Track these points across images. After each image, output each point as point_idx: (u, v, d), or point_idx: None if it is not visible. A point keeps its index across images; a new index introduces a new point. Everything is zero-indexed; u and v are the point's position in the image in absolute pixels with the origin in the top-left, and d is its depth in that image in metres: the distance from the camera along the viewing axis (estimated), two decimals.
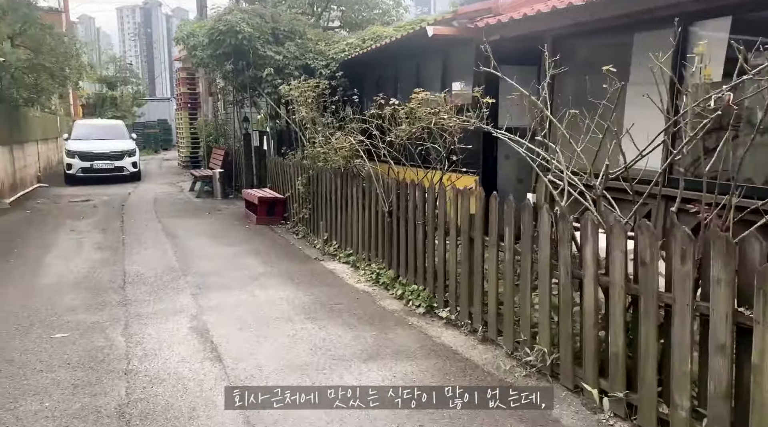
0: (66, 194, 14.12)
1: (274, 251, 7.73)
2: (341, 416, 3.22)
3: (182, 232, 9.08)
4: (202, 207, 11.92)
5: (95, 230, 9.23)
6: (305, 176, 8.49)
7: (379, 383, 3.62)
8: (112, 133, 18.10)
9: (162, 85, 79.41)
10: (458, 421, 3.16)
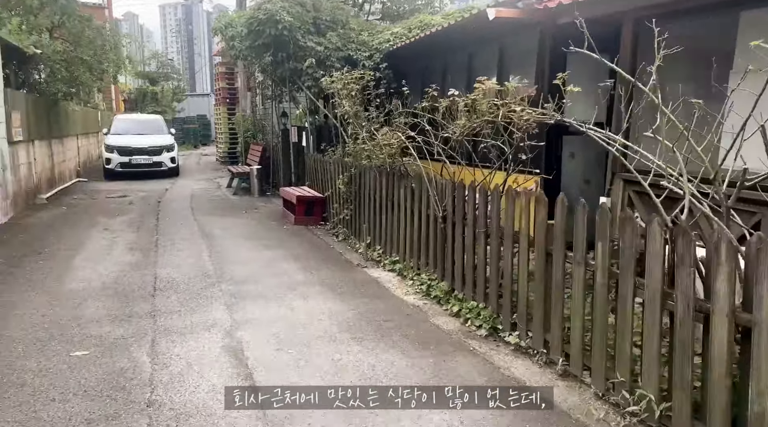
0: (103, 190, 13.90)
1: (313, 255, 7.16)
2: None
3: (218, 232, 8.61)
4: (238, 205, 11.48)
5: (129, 229, 8.84)
6: (347, 175, 7.90)
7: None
8: (151, 128, 17.90)
9: (202, 80, 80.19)
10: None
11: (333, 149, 9.89)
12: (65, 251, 7.29)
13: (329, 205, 9.03)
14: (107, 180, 16.07)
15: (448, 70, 8.78)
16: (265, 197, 12.55)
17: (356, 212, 7.73)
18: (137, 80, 38.92)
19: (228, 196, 12.88)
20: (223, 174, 17.50)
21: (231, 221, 9.63)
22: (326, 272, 6.34)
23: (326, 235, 8.41)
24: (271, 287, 5.70)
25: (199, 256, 7.07)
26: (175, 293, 5.54)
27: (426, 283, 5.48)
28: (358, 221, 7.65)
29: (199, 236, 8.27)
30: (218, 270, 6.37)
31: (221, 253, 7.25)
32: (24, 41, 9.96)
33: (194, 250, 7.38)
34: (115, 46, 13.30)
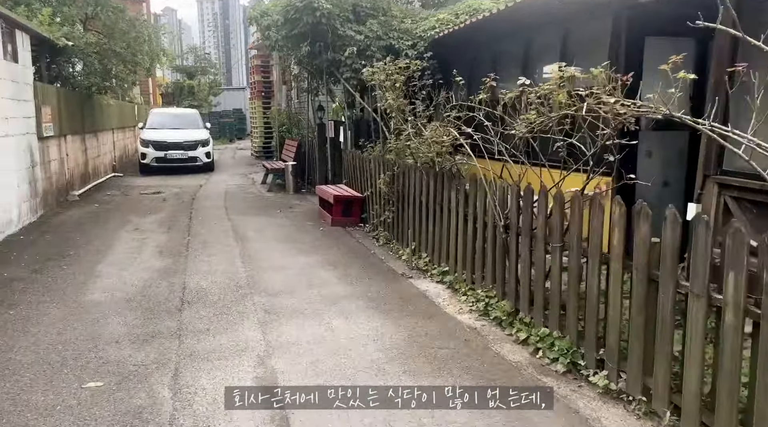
0: (137, 185, 13.59)
1: (352, 261, 6.55)
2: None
3: (251, 233, 8.07)
4: (273, 203, 10.96)
5: (160, 229, 8.38)
6: (388, 174, 7.25)
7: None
8: (186, 123, 17.59)
9: (238, 74, 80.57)
10: None
11: (372, 145, 9.27)
12: (92, 254, 6.84)
13: (368, 206, 8.41)
14: (142, 175, 15.83)
15: (499, 59, 8.02)
16: (300, 195, 12.01)
17: (399, 215, 7.08)
18: (174, 74, 39.07)
19: (262, 193, 12.39)
20: (258, 169, 17.07)
21: (265, 220, 9.10)
22: (368, 282, 5.71)
23: (365, 238, 7.78)
24: (309, 301, 5.11)
25: (232, 261, 6.53)
26: (204, 306, 4.99)
27: (483, 300, 4.80)
28: (402, 225, 7.00)
29: (232, 238, 7.74)
30: (251, 279, 5.81)
31: (254, 258, 6.70)
32: (55, 33, 9.58)
33: (226, 254, 6.85)
34: (149, 38, 12.87)
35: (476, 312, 4.77)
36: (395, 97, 6.65)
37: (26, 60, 8.65)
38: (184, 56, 44.06)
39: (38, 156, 9.02)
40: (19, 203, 8.15)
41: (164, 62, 15.64)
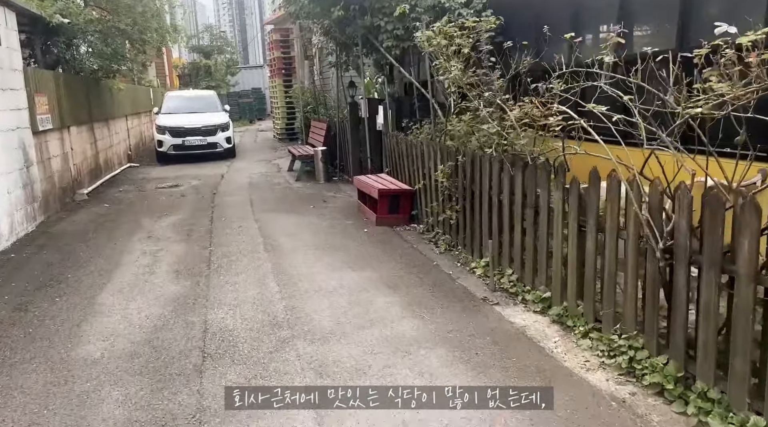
0: (154, 177, 12.32)
1: (414, 279, 5.16)
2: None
3: (284, 239, 6.72)
4: (304, 196, 9.59)
5: (177, 236, 7.07)
6: (450, 164, 5.80)
7: None
8: (204, 106, 16.23)
9: (254, 52, 78.70)
10: None
11: (417, 127, 7.81)
12: (94, 276, 5.56)
13: (419, 201, 6.99)
14: (160, 164, 14.62)
15: (580, 20, 6.40)
16: (332, 184, 10.61)
17: (467, 216, 5.65)
18: (191, 55, 37.64)
19: (290, 183, 11.02)
20: (282, 153, 15.72)
21: (297, 220, 7.73)
22: (442, 313, 4.33)
23: (420, 242, 6.38)
24: (371, 350, 3.74)
25: (263, 282, 5.19)
26: (231, 363, 3.66)
27: (623, 351, 3.38)
28: (471, 229, 5.58)
29: (261, 247, 6.40)
30: (290, 311, 4.46)
31: (291, 276, 5.35)
32: (47, 9, 8.21)
33: (256, 272, 5.51)
34: (158, 12, 11.43)
35: (614, 369, 3.35)
36: (462, 68, 5.16)
37: (12, 41, 7.30)
38: (200, 36, 42.59)
39: (34, 154, 7.74)
40: (11, 212, 6.89)
41: (176, 39, 14.15)
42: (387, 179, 7.77)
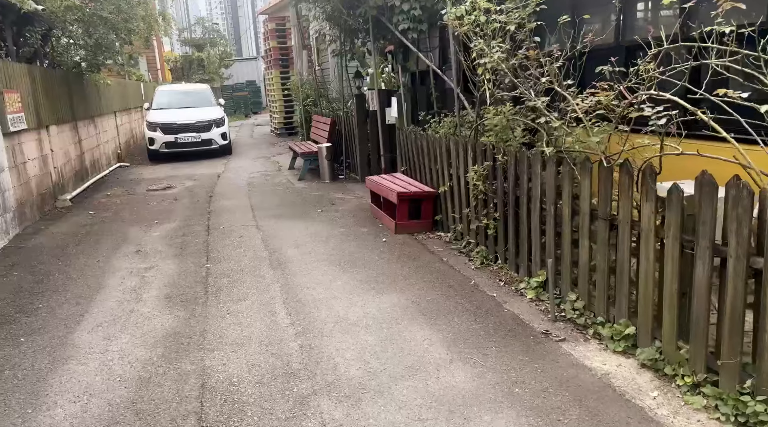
0: (145, 178, 11.40)
1: (452, 304, 4.29)
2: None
3: (292, 252, 5.84)
4: (309, 197, 8.69)
5: (169, 250, 6.18)
6: (487, 164, 4.92)
7: None
8: (197, 100, 15.29)
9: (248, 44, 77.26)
10: None
11: (437, 121, 6.93)
12: (70, 305, 4.67)
13: (444, 205, 6.11)
14: (152, 163, 13.72)
15: None
16: (338, 184, 9.72)
17: (509, 225, 4.77)
18: (184, 48, 36.51)
19: (292, 182, 10.11)
20: (282, 149, 14.82)
21: (305, 227, 6.84)
22: (498, 354, 3.46)
23: (450, 253, 5.52)
24: (417, 416, 2.87)
25: (271, 311, 4.32)
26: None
27: (756, 421, 2.52)
28: (515, 241, 4.71)
29: (266, 263, 5.52)
30: (307, 353, 3.59)
31: (304, 303, 4.48)
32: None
33: (262, 297, 4.63)
34: None
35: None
36: (507, 49, 4.27)
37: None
38: (192, 29, 41.42)
39: (4, 159, 6.81)
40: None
41: (165, 29, 13.15)
42: (404, 180, 6.89)
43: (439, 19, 6.44)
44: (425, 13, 6.56)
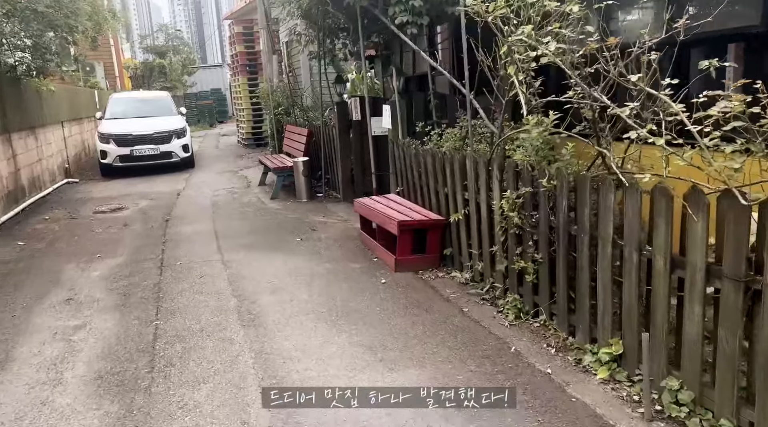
0: (93, 198, 9.91)
1: (494, 386, 3.09)
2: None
3: (268, 300, 4.56)
4: (285, 221, 7.40)
5: (110, 299, 4.83)
6: (526, 191, 3.76)
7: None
8: (156, 109, 13.83)
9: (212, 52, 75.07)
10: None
11: (438, 133, 5.79)
12: None
13: (456, 236, 4.94)
14: (104, 178, 12.21)
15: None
16: (317, 203, 8.45)
17: (558, 271, 3.61)
18: (145, 55, 34.63)
19: (264, 202, 8.79)
20: (250, 162, 13.47)
21: (282, 262, 5.56)
22: None
23: (469, 301, 4.33)
24: None
25: (243, 403, 3.05)
26: None
27: None
28: (568, 292, 3.54)
29: (234, 319, 4.23)
30: None
31: (289, 385, 3.23)
32: None
33: (229, 377, 3.34)
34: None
35: None
36: (563, 39, 3.12)
37: None
38: (154, 35, 39.50)
39: None
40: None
41: (114, 27, 11.67)
42: (402, 204, 5.68)
43: (450, 6, 5.30)
44: (427, 4, 5.40)
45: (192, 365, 3.53)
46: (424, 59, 6.08)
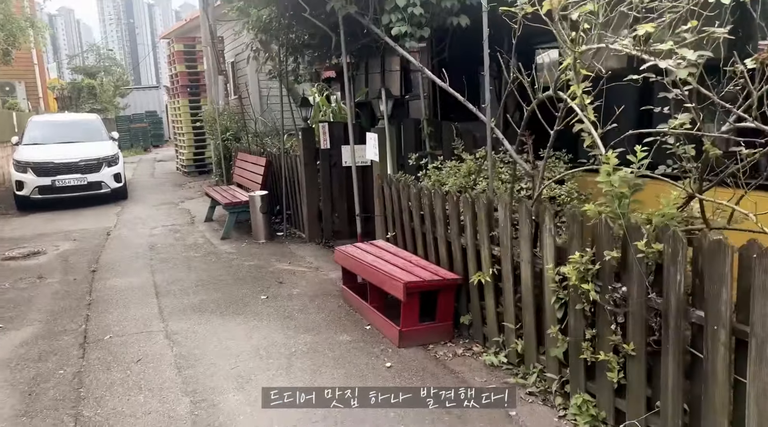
0: (3, 238, 8.16)
1: None
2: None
3: (235, 401, 3.24)
4: (242, 269, 6.05)
5: (4, 406, 3.36)
6: (612, 256, 2.67)
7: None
8: (83, 133, 12.09)
9: (147, 73, 71.74)
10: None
11: (436, 165, 4.73)
12: None
13: (477, 300, 3.82)
14: (20, 213, 10.38)
15: None
16: (278, 244, 7.13)
17: (668, 372, 2.52)
18: (74, 76, 32.06)
19: (214, 243, 7.37)
20: (193, 193, 11.95)
21: (246, 334, 4.24)
22: None
23: (510, 396, 3.17)
24: None
25: None
26: None
27: None
28: (704, 410, 2.46)
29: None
30: None
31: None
32: None
33: None
34: None
35: None
36: None
37: None
38: (84, 55, 36.84)
39: None
40: None
41: (36, 42, 10.00)
42: (399, 255, 4.51)
43: (455, 17, 4.27)
44: (428, 13, 4.33)
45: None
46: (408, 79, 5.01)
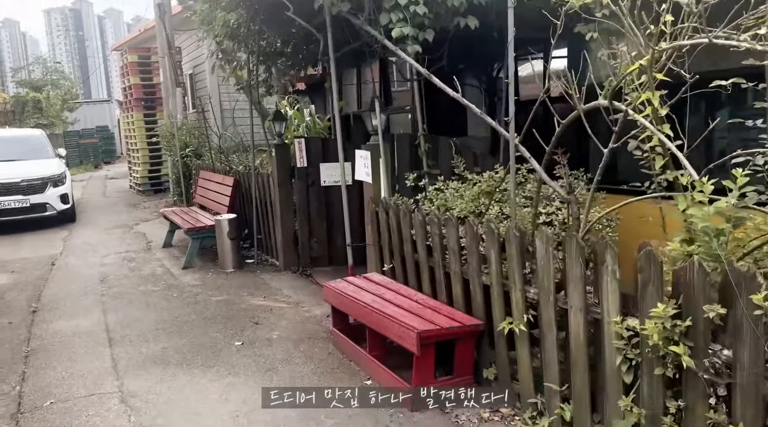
0: None
1: None
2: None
3: None
4: (209, 306, 5.22)
5: None
6: (717, 311, 2.06)
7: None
8: (26, 150, 10.92)
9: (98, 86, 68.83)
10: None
11: (440, 186, 4.11)
12: None
13: (501, 350, 3.18)
14: None
15: None
16: (249, 274, 6.32)
17: None
18: (18, 89, 30.10)
19: (175, 274, 6.48)
20: (148, 214, 10.93)
21: (223, 396, 3.45)
22: None
23: None
24: None
25: None
26: None
27: None
28: None
29: None
30: None
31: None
32: None
33: None
34: None
35: None
36: None
37: None
38: (29, 68, 34.77)
39: None
40: None
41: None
42: (401, 293, 3.82)
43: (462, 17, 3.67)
44: (431, 13, 3.71)
45: None
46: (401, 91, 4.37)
